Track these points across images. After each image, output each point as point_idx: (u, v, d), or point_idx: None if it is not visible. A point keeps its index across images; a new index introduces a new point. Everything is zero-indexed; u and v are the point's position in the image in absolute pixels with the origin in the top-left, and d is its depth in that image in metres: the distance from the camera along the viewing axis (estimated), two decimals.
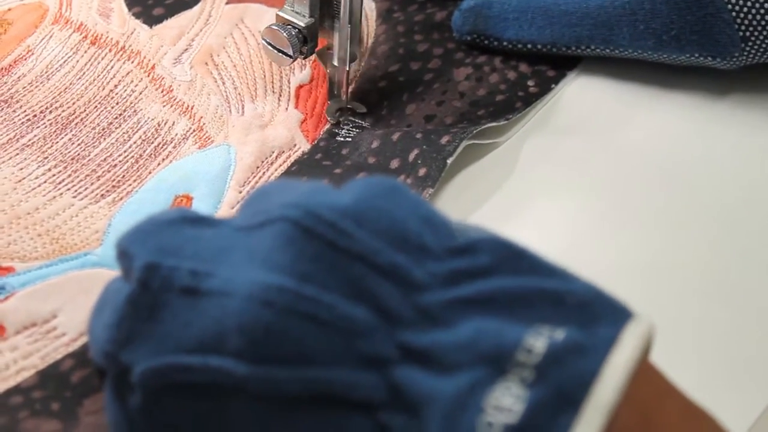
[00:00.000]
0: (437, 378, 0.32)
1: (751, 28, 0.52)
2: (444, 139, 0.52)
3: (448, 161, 0.51)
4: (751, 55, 0.54)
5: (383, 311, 0.33)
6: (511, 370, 0.31)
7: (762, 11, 0.52)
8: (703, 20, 0.53)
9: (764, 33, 0.52)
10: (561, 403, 0.31)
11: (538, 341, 0.32)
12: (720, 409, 0.41)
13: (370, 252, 0.34)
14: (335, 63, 0.55)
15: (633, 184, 0.53)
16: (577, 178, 0.53)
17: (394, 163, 0.52)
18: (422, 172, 0.51)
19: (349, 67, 0.55)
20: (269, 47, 0.54)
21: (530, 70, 0.58)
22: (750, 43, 0.53)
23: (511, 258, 0.34)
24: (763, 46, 0.53)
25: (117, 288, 0.37)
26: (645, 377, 0.33)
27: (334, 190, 0.37)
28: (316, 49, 0.55)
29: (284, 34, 0.53)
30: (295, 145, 0.54)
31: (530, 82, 0.58)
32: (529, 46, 0.58)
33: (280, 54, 0.54)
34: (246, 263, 0.34)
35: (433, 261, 0.34)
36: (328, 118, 0.56)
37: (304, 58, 0.55)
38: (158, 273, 0.35)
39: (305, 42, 0.54)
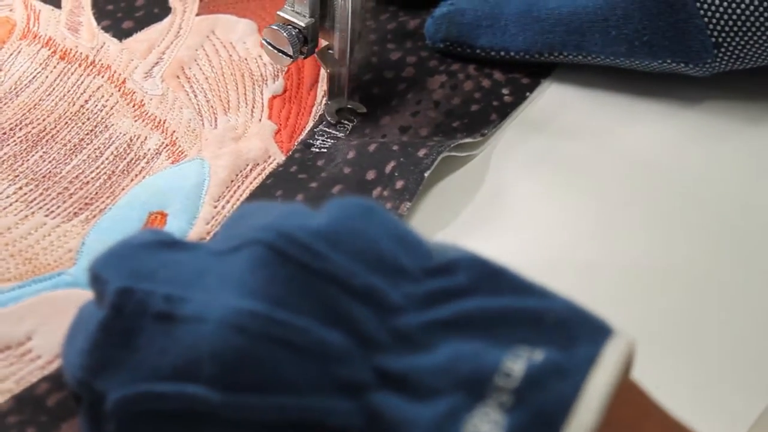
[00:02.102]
0: (415, 404, 0.31)
1: (723, 35, 0.52)
2: (421, 152, 0.52)
3: (426, 174, 0.51)
4: (724, 62, 0.53)
5: (359, 335, 0.32)
6: (489, 395, 0.31)
7: (734, 17, 0.51)
8: (675, 26, 0.53)
9: (737, 39, 0.52)
10: (540, 428, 0.30)
11: (517, 364, 0.31)
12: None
13: (344, 274, 0.33)
14: (336, 60, 0.54)
15: (610, 193, 0.53)
16: (555, 188, 0.53)
17: (370, 175, 0.52)
18: (400, 184, 0.51)
19: (350, 67, 0.55)
20: (269, 47, 0.54)
21: (504, 78, 0.58)
22: (722, 50, 0.53)
23: (489, 277, 0.34)
24: (736, 52, 0.53)
25: (90, 312, 0.36)
26: (626, 397, 0.32)
27: (309, 211, 0.36)
28: (317, 49, 0.55)
29: (284, 34, 0.53)
30: (269, 157, 0.54)
31: (505, 90, 0.57)
32: (503, 53, 0.58)
33: (280, 54, 0.54)
34: (220, 288, 0.33)
35: (409, 282, 0.34)
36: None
37: (304, 58, 0.55)
38: (132, 298, 0.34)
39: (305, 42, 0.54)
